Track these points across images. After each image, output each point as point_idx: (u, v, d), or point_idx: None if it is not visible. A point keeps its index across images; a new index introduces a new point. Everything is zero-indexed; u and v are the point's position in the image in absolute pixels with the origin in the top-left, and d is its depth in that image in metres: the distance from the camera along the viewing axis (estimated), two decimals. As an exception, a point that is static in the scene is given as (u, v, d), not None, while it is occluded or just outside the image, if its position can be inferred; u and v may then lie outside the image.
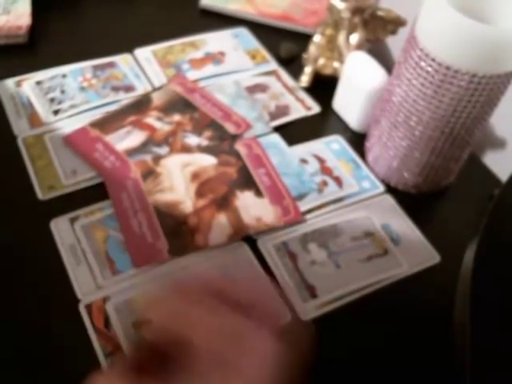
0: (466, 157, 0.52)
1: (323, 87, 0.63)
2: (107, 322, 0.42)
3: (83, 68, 0.62)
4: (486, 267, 0.33)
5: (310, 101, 0.62)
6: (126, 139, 0.55)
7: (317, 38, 0.62)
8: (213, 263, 0.46)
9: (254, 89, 0.62)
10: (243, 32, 0.70)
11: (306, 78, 0.63)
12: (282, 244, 0.48)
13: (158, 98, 0.59)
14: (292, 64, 0.66)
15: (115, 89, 0.60)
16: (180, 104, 0.59)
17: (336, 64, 0.62)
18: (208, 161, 0.54)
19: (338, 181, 0.54)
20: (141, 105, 0.58)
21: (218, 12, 0.72)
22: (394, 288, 0.46)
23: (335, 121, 0.60)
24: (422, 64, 0.44)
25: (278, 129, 0.58)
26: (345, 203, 0.52)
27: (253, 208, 0.50)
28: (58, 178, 0.51)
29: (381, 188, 0.54)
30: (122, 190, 0.50)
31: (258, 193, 0.51)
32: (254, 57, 0.66)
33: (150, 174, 0.52)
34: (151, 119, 0.57)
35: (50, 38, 0.66)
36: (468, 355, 0.29)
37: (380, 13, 0.59)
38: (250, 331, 0.27)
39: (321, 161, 0.55)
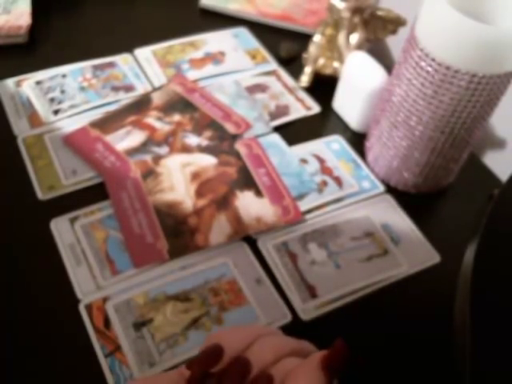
0: (466, 157, 0.52)
1: (323, 87, 0.63)
2: (107, 321, 0.42)
3: (83, 68, 0.62)
4: (486, 267, 0.33)
5: (310, 101, 0.62)
6: (125, 139, 0.55)
7: (317, 38, 0.62)
8: (213, 263, 0.46)
9: (253, 89, 0.62)
10: (243, 32, 0.70)
11: (306, 78, 0.63)
12: (282, 244, 0.48)
13: (157, 98, 0.59)
14: (292, 64, 0.66)
15: (115, 89, 0.60)
16: (180, 104, 0.59)
17: (336, 64, 0.62)
18: (208, 161, 0.54)
19: (338, 181, 0.54)
20: (141, 105, 0.58)
21: (218, 12, 0.72)
22: (393, 288, 0.46)
23: (335, 121, 0.61)
24: (422, 64, 0.44)
25: (277, 129, 0.58)
26: (345, 203, 0.52)
27: (253, 208, 0.50)
28: (58, 178, 0.51)
29: (381, 188, 0.54)
30: (122, 189, 0.50)
31: (258, 193, 0.51)
32: (254, 57, 0.66)
33: (150, 173, 0.52)
34: (151, 119, 0.57)
35: (50, 38, 0.66)
36: (468, 355, 0.29)
37: (380, 13, 0.59)
38: None
39: (321, 161, 0.55)
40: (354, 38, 0.60)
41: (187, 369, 0.31)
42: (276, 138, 0.57)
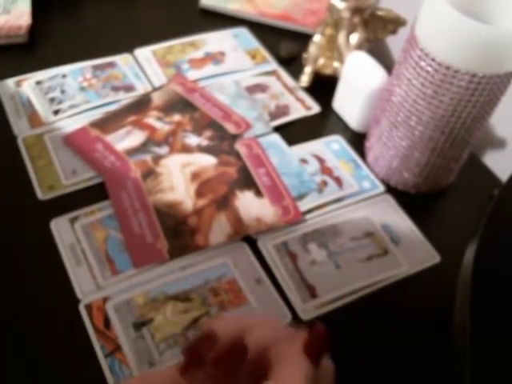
0: (466, 157, 0.52)
1: (323, 87, 0.63)
2: (107, 321, 0.42)
3: (83, 68, 0.62)
4: (486, 267, 0.33)
5: (310, 101, 0.62)
6: (125, 139, 0.55)
7: (317, 38, 0.62)
8: (213, 263, 0.46)
9: (253, 89, 0.62)
10: (243, 32, 0.70)
11: (306, 78, 0.63)
12: (282, 244, 0.48)
13: (157, 98, 0.59)
14: (292, 64, 0.66)
15: (115, 89, 0.60)
16: (180, 104, 0.59)
17: (336, 64, 0.62)
18: (208, 161, 0.54)
19: (338, 181, 0.54)
20: (141, 105, 0.58)
21: (218, 12, 0.72)
22: (393, 288, 0.46)
23: (335, 121, 0.60)
24: (422, 64, 0.44)
25: (278, 129, 0.58)
26: (345, 203, 0.52)
27: (253, 208, 0.50)
28: (58, 178, 0.51)
29: (381, 188, 0.54)
30: (122, 189, 0.50)
31: (258, 193, 0.51)
32: (254, 57, 0.66)
33: (150, 173, 0.52)
34: (151, 119, 0.57)
35: (50, 38, 0.66)
36: (468, 355, 0.29)
37: (380, 13, 0.59)
38: None
39: (321, 161, 0.55)
40: (354, 38, 0.60)
41: (182, 353, 0.31)
42: (276, 138, 0.57)
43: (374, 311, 0.45)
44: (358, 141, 0.58)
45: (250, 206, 0.50)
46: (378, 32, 0.61)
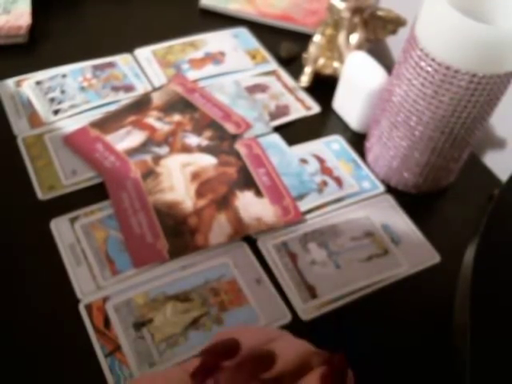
0: (466, 157, 0.52)
1: (323, 87, 0.63)
2: (107, 321, 0.42)
3: (83, 68, 0.62)
4: (486, 267, 0.33)
5: (310, 101, 0.62)
6: (125, 139, 0.55)
7: (317, 38, 0.62)
8: (213, 263, 0.46)
9: (253, 89, 0.62)
10: (243, 32, 0.70)
11: (305, 78, 0.63)
12: (281, 244, 0.48)
13: (157, 98, 0.59)
14: (292, 64, 0.66)
15: (115, 89, 0.60)
16: (180, 104, 0.59)
17: (336, 64, 0.62)
18: (208, 161, 0.54)
19: (338, 181, 0.54)
20: (141, 105, 0.58)
21: (218, 12, 0.72)
22: (394, 288, 0.46)
23: (335, 121, 0.60)
24: (422, 64, 0.44)
25: (277, 129, 0.58)
26: (345, 203, 0.52)
27: (253, 208, 0.50)
28: (58, 178, 0.51)
29: (381, 188, 0.54)
30: (122, 189, 0.50)
31: (258, 193, 0.51)
32: (254, 57, 0.66)
33: (150, 173, 0.52)
34: (151, 119, 0.57)
35: (50, 38, 0.66)
36: (468, 355, 0.29)
37: (380, 13, 0.59)
38: None
39: (321, 161, 0.55)
40: (354, 38, 0.60)
41: (201, 355, 0.31)
42: (276, 137, 0.57)
43: (374, 311, 0.45)
44: (357, 141, 0.58)
45: (250, 205, 0.50)
46: (378, 32, 0.61)
